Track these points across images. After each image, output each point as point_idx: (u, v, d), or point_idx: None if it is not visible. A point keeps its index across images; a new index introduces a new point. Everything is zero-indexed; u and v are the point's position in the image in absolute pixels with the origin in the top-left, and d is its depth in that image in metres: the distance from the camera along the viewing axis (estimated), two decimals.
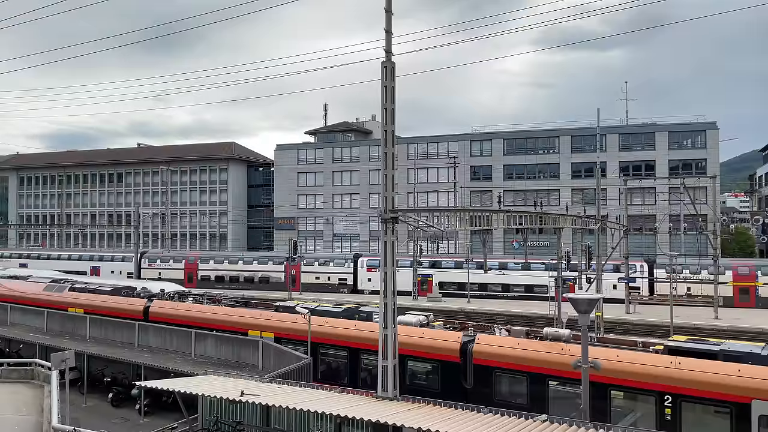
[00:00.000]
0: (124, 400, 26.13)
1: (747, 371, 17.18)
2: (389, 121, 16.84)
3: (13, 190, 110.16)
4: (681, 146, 71.26)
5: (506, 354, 20.99)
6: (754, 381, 16.88)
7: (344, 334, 24.94)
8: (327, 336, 25.29)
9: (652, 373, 18.24)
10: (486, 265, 55.89)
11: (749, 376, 17.02)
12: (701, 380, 17.53)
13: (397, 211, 17.11)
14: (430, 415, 14.38)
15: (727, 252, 73.13)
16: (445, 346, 22.31)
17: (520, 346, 20.99)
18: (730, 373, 17.30)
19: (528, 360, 20.50)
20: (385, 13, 16.50)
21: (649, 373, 18.27)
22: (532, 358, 20.44)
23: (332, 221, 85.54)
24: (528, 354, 20.62)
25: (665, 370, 18.14)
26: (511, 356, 20.86)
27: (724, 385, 17.11)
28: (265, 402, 15.29)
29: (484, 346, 21.58)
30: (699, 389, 17.50)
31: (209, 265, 72.02)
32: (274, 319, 27.81)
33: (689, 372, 17.82)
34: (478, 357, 21.46)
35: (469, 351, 21.67)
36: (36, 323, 34.80)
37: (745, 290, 52.59)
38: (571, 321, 29.20)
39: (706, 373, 17.61)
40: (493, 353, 21.27)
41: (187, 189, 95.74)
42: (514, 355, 20.84)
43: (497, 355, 21.14)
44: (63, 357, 18.06)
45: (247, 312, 29.29)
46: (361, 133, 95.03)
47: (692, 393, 17.60)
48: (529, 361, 20.47)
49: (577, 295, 15.02)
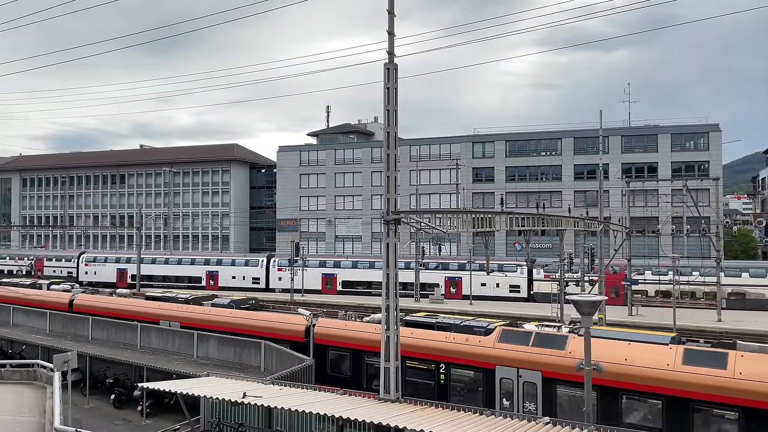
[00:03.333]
0: (127, 402, 26.15)
1: (439, 337, 22.45)
2: (392, 122, 16.82)
3: (16, 192, 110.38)
4: (684, 148, 71.17)
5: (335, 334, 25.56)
6: (442, 344, 22.20)
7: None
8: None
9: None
10: (488, 266, 56.00)
11: (441, 341, 22.31)
12: (416, 345, 22.57)
13: (399, 213, 17.08)
14: (432, 417, 14.35)
15: (730, 254, 72.97)
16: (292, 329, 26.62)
17: (348, 328, 25.37)
18: (432, 339, 22.61)
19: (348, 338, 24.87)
20: (387, 15, 16.48)
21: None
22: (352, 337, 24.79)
23: (334, 223, 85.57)
24: (351, 334, 24.87)
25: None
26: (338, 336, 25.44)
27: (431, 348, 22.37)
28: (267, 404, 15.27)
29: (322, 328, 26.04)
30: (417, 352, 22.44)
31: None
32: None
33: (413, 339, 22.55)
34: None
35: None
36: (38, 324, 34.89)
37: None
38: (574, 323, 29.14)
39: (421, 339, 22.76)
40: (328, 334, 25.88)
41: (190, 191, 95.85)
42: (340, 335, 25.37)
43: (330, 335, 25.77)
44: (65, 358, 18.05)
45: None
46: (364, 135, 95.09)
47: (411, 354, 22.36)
48: (349, 339, 24.79)
49: (580, 296, 14.96)
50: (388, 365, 16.56)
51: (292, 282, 60.74)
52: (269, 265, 69.83)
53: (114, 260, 77.77)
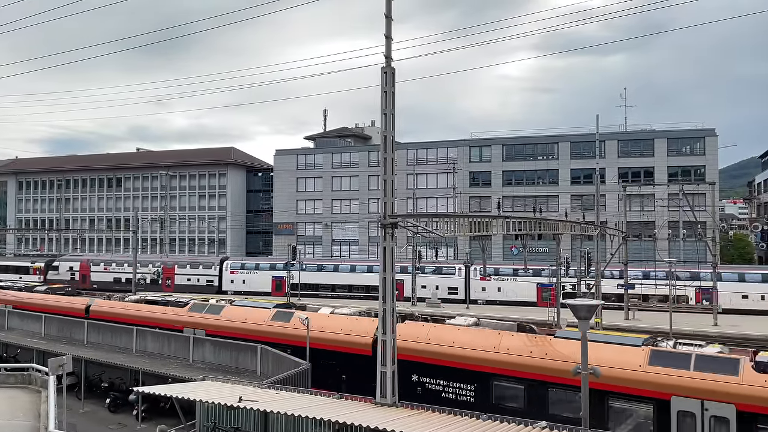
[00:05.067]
0: (122, 406, 26.02)
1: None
2: (389, 126, 16.84)
3: (11, 195, 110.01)
4: (680, 153, 71.37)
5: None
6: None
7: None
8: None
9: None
10: (486, 270, 56.21)
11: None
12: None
13: (396, 217, 17.09)
14: (429, 422, 14.32)
15: (726, 259, 73.12)
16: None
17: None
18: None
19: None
20: (385, 19, 16.51)
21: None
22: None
23: (331, 226, 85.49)
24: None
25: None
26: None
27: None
28: (263, 408, 15.23)
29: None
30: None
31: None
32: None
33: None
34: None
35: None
36: (34, 328, 34.71)
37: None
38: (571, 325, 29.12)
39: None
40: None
41: (186, 194, 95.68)
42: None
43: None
44: (60, 362, 17.98)
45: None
46: (361, 139, 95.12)
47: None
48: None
49: (577, 301, 14.96)
50: (384, 369, 16.53)
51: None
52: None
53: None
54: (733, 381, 17.40)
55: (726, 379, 17.52)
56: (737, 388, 17.25)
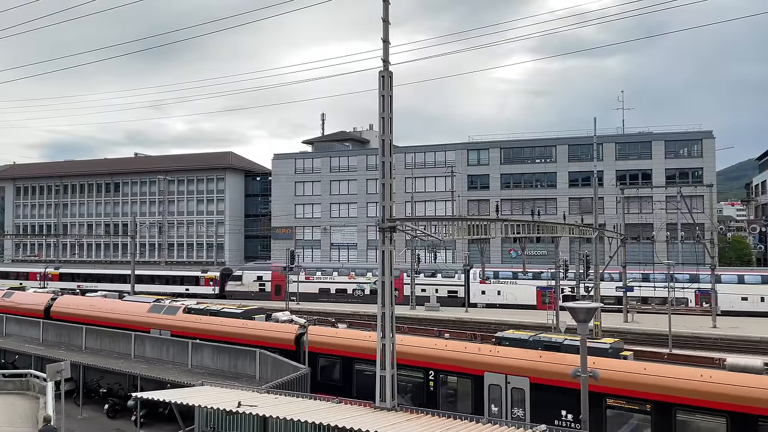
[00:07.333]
0: (120, 412, 25.91)
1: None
2: (387, 130, 16.83)
3: (9, 200, 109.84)
4: (677, 155, 71.50)
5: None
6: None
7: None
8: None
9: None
10: (484, 273, 56.27)
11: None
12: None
13: (395, 220, 17.07)
14: (428, 426, 14.29)
15: (725, 261, 73.18)
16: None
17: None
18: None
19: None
20: (382, 23, 16.52)
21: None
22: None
23: (330, 230, 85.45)
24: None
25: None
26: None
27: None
28: (262, 413, 15.17)
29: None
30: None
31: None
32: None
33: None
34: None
35: None
36: (31, 334, 34.57)
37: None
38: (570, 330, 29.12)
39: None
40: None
41: (184, 199, 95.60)
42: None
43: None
44: (58, 368, 17.92)
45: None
46: (359, 143, 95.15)
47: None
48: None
49: (577, 304, 14.94)
50: (383, 373, 16.49)
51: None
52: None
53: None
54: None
55: None
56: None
